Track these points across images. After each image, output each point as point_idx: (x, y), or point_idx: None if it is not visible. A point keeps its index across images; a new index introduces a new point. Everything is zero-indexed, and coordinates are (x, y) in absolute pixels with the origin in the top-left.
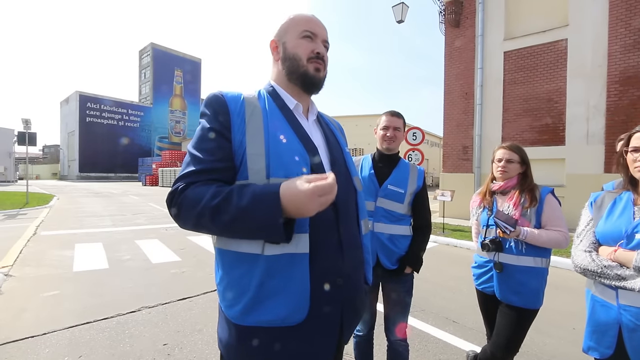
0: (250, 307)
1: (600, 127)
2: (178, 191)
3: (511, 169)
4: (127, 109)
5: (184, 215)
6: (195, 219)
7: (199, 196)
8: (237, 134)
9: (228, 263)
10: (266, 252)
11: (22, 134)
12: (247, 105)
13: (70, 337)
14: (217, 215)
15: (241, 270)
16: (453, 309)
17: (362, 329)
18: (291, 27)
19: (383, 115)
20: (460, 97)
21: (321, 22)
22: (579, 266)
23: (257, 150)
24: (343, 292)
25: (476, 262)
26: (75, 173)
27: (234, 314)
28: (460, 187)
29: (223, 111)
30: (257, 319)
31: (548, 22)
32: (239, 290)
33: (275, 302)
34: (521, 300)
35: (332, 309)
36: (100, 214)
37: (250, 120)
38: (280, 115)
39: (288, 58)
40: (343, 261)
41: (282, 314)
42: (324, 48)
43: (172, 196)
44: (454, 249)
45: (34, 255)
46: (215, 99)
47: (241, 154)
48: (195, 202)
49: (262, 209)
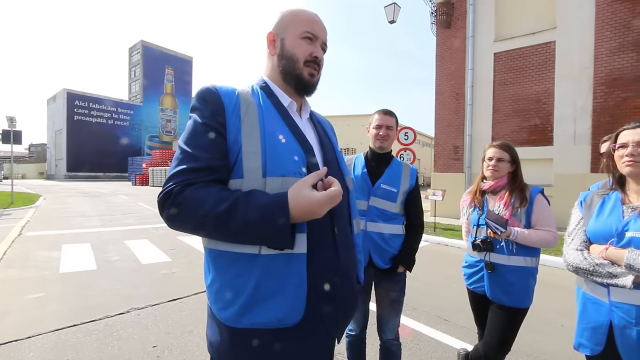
0: (246, 309)
1: (587, 127)
2: (175, 191)
3: (502, 167)
4: (117, 107)
5: (183, 218)
6: (196, 224)
7: (201, 200)
8: (232, 130)
9: (222, 264)
10: (263, 251)
11: (6, 132)
12: (242, 100)
13: (56, 340)
14: (222, 224)
15: (236, 270)
16: (444, 308)
17: (355, 329)
18: (293, 24)
19: (375, 113)
20: (451, 97)
21: (323, 23)
22: (571, 264)
23: (253, 148)
24: (338, 292)
25: (467, 261)
26: (63, 172)
27: (227, 316)
28: (452, 187)
29: (217, 106)
30: (253, 320)
31: (537, 24)
32: (234, 292)
33: (271, 303)
34: (512, 300)
35: (327, 309)
36: (88, 214)
37: (246, 116)
38: (275, 112)
39: (285, 57)
40: (338, 261)
41: (278, 315)
42: (322, 51)
43: (167, 196)
44: (445, 248)
45: (18, 256)
46: (208, 92)
47: (236, 151)
48: (197, 207)
49: (270, 222)
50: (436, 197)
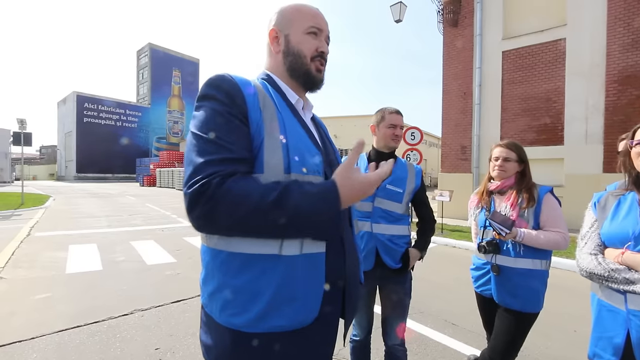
0: (265, 313)
1: (599, 126)
2: (214, 184)
3: (508, 167)
4: (125, 109)
5: (226, 213)
6: (241, 219)
7: (248, 191)
8: (254, 122)
9: (234, 267)
10: (284, 252)
11: (17, 134)
12: (259, 92)
13: (59, 341)
14: (272, 215)
15: (252, 273)
16: (452, 311)
17: (359, 333)
18: (297, 19)
19: (385, 113)
20: (458, 96)
21: (324, 16)
22: (584, 270)
23: (274, 142)
24: (345, 292)
25: (474, 264)
26: (73, 174)
27: (242, 322)
28: (459, 187)
29: (237, 95)
30: (270, 324)
31: (546, 21)
32: (250, 296)
33: (291, 307)
34: (519, 304)
35: (335, 309)
36: (96, 215)
37: (265, 109)
38: (287, 108)
39: (291, 53)
40: (345, 261)
41: (298, 318)
42: (327, 45)
43: (204, 189)
44: (453, 250)
45: (26, 257)
46: (225, 80)
47: (258, 144)
48: (244, 199)
49: (323, 210)
50: (443, 197)
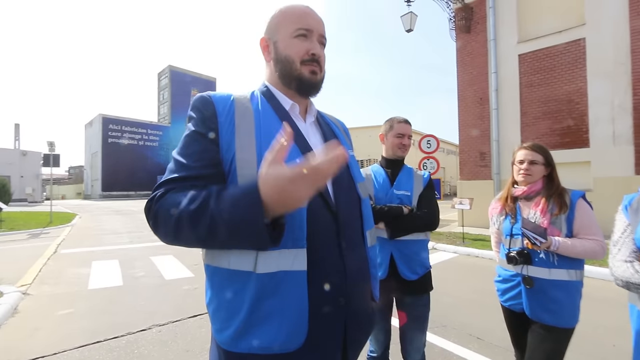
0: (242, 331)
1: (628, 127)
2: (155, 199)
3: (535, 171)
4: (147, 128)
5: (161, 225)
6: (173, 229)
7: (176, 202)
8: (225, 136)
9: (218, 282)
10: (259, 269)
11: (47, 156)
12: (237, 105)
13: (79, 357)
14: (195, 224)
15: (232, 290)
16: (477, 325)
17: (376, 350)
18: (283, 23)
19: (394, 122)
20: (474, 102)
21: (316, 13)
22: (619, 279)
23: (247, 155)
24: (346, 312)
25: (500, 275)
26: (98, 192)
27: (224, 339)
28: (479, 195)
29: (209, 112)
30: (250, 344)
31: (563, 22)
32: (230, 313)
33: (269, 326)
34: (556, 319)
35: (333, 331)
36: (118, 231)
37: (241, 122)
38: (275, 116)
39: (280, 60)
40: (345, 278)
41: (278, 339)
42: (320, 45)
43: (149, 205)
44: (476, 260)
45: (52, 273)
46: (201, 100)
47: (229, 158)
48: (172, 209)
49: (242, 213)
50: (463, 205)
